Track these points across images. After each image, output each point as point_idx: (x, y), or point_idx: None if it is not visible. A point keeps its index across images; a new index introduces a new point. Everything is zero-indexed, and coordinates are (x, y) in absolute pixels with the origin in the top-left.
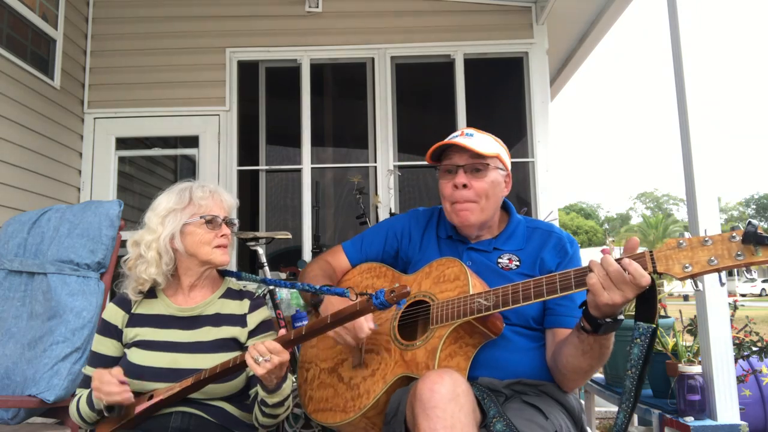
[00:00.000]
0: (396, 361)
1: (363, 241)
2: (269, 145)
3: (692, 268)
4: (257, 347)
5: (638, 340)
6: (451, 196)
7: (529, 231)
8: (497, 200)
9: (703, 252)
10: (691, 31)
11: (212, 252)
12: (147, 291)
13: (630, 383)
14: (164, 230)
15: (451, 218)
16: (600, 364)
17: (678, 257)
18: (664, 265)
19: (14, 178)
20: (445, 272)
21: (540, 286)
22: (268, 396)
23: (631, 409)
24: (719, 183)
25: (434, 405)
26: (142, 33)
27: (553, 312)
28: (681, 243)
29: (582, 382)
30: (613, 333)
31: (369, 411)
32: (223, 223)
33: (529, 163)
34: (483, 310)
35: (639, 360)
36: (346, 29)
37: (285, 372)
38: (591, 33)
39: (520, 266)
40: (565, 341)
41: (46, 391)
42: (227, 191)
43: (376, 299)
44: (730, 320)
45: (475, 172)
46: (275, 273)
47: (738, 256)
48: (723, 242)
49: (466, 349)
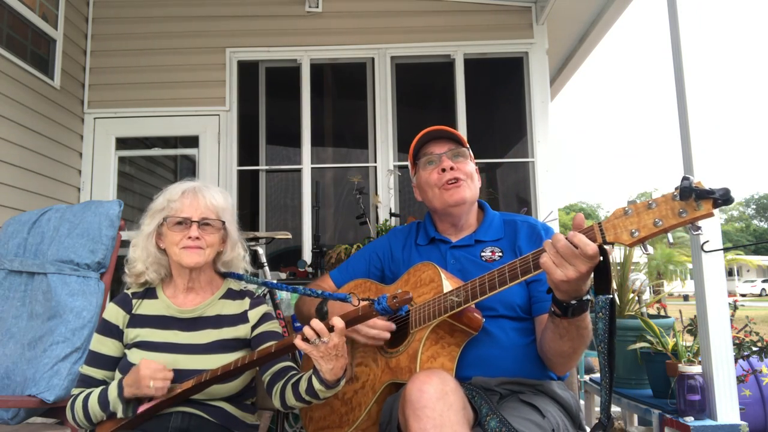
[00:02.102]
0: (383, 369)
1: (348, 266)
2: (269, 145)
3: (639, 232)
4: (313, 324)
5: (600, 314)
6: (440, 180)
7: (505, 223)
8: (477, 186)
9: (649, 215)
10: (691, 30)
11: (180, 253)
12: (148, 291)
13: (602, 359)
14: (147, 229)
15: (443, 200)
16: (582, 345)
17: (625, 224)
18: (613, 234)
19: (14, 178)
20: (421, 276)
21: (503, 274)
22: (325, 390)
23: (609, 385)
24: (719, 183)
25: (423, 405)
26: (142, 33)
27: (535, 299)
28: (627, 210)
29: (570, 364)
30: (586, 314)
31: (362, 423)
32: (195, 224)
33: (529, 163)
34: (455, 306)
35: (605, 334)
36: (346, 29)
37: (345, 364)
38: (591, 33)
39: (503, 257)
40: (545, 327)
41: (46, 391)
42: (222, 191)
43: (378, 305)
44: (730, 320)
45: (457, 158)
46: (275, 273)
47: (681, 213)
48: (666, 202)
49: (450, 349)
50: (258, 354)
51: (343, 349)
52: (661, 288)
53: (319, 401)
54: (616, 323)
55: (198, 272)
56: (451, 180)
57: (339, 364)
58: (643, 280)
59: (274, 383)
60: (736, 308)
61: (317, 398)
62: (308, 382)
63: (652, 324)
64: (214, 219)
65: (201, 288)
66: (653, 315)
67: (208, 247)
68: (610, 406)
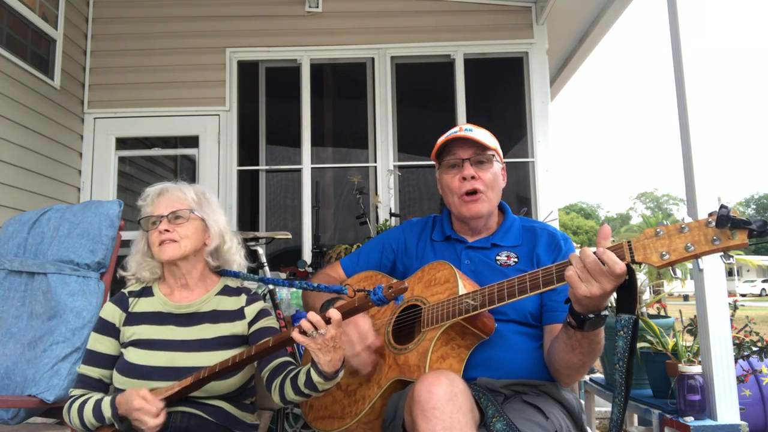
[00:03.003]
0: (390, 365)
1: (359, 256)
2: (269, 145)
3: (670, 255)
4: (310, 317)
5: (621, 332)
6: (460, 189)
7: (524, 229)
8: (499, 192)
9: (680, 239)
10: (692, 30)
11: (158, 251)
12: (145, 290)
13: (619, 377)
14: (138, 238)
15: (460, 211)
16: (592, 359)
17: (656, 246)
18: (642, 255)
19: (14, 178)
20: (436, 275)
21: (524, 283)
22: (324, 382)
23: (624, 402)
24: (719, 183)
25: (432, 406)
26: (142, 33)
27: (547, 308)
28: (659, 232)
29: (577, 376)
30: (601, 329)
31: (365, 416)
32: (165, 219)
33: (529, 163)
34: (471, 310)
35: (625, 353)
36: (346, 29)
37: (343, 355)
38: (591, 33)
39: (518, 262)
40: (557, 337)
41: (46, 391)
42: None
43: (374, 295)
44: (730, 320)
45: (479, 165)
46: (275, 273)
47: (715, 241)
48: (700, 228)
49: (459, 351)
50: (256, 349)
51: (340, 341)
52: (661, 288)
53: (318, 394)
54: (637, 343)
55: (188, 268)
56: (470, 191)
57: (337, 355)
58: (643, 280)
59: (273, 379)
60: (736, 308)
61: (316, 390)
62: (307, 375)
63: (652, 324)
64: (182, 209)
65: (195, 284)
66: (653, 315)
67: (182, 239)
68: (623, 424)
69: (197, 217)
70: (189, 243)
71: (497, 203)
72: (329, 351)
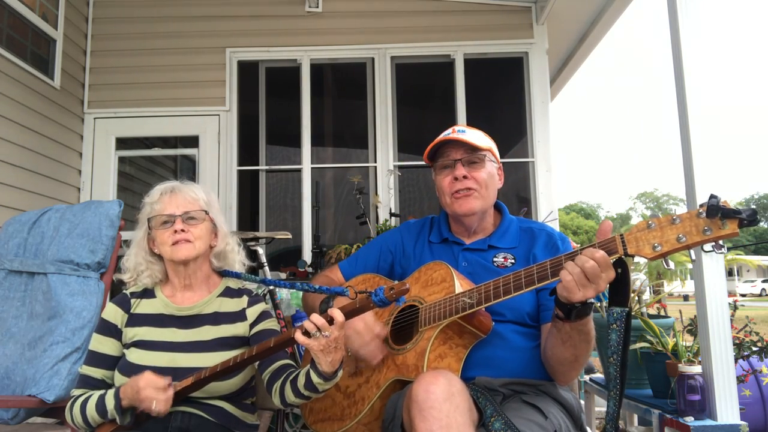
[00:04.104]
0: (388, 366)
1: (357, 258)
2: (269, 145)
3: (662, 247)
4: (313, 320)
5: (614, 325)
6: (452, 188)
7: (522, 230)
8: (494, 192)
9: (672, 230)
10: (691, 30)
11: (170, 250)
12: (147, 291)
13: (614, 370)
14: (138, 236)
15: (453, 209)
16: (584, 353)
17: (648, 238)
18: (635, 247)
19: (14, 178)
20: (433, 275)
21: (519, 279)
22: (323, 383)
23: (619, 396)
24: (719, 183)
25: (430, 405)
26: (142, 33)
27: (544, 307)
28: (651, 224)
29: (572, 373)
30: (589, 318)
31: (364, 417)
32: (179, 218)
33: (529, 163)
34: (467, 308)
35: (618, 346)
36: (346, 29)
37: (342, 355)
38: (591, 33)
39: (515, 264)
40: (549, 333)
41: (46, 391)
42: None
43: (375, 296)
44: (730, 320)
45: (471, 165)
46: (275, 273)
47: (706, 231)
48: (691, 219)
49: (457, 350)
50: (257, 349)
51: (341, 341)
52: (661, 288)
53: (318, 395)
54: (630, 335)
55: (194, 268)
56: (461, 189)
57: (337, 356)
58: (643, 280)
59: (273, 381)
60: (736, 308)
61: (316, 391)
62: (306, 377)
63: (652, 324)
64: (196, 210)
65: (198, 285)
66: (653, 315)
67: (196, 239)
68: (618, 417)
69: (209, 219)
70: (202, 244)
71: (492, 202)
72: (330, 352)
